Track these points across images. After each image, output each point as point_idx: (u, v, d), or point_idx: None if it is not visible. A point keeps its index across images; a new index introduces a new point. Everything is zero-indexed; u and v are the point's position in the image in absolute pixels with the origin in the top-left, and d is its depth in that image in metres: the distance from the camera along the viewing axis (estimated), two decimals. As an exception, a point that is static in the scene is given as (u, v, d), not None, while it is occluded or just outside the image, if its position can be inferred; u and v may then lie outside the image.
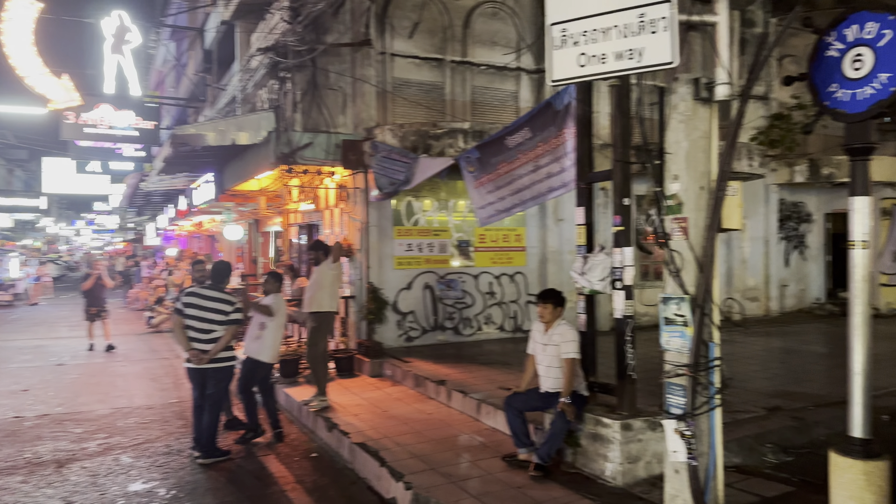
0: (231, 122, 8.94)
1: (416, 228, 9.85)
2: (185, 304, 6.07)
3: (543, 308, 5.32)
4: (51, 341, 13.86)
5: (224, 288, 6.26)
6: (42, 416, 7.75)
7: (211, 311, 6.01)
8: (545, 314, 5.31)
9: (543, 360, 5.30)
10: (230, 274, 6.60)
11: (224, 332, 6.01)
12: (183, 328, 6.04)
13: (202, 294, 6.09)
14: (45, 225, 59.80)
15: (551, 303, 5.30)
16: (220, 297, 6.07)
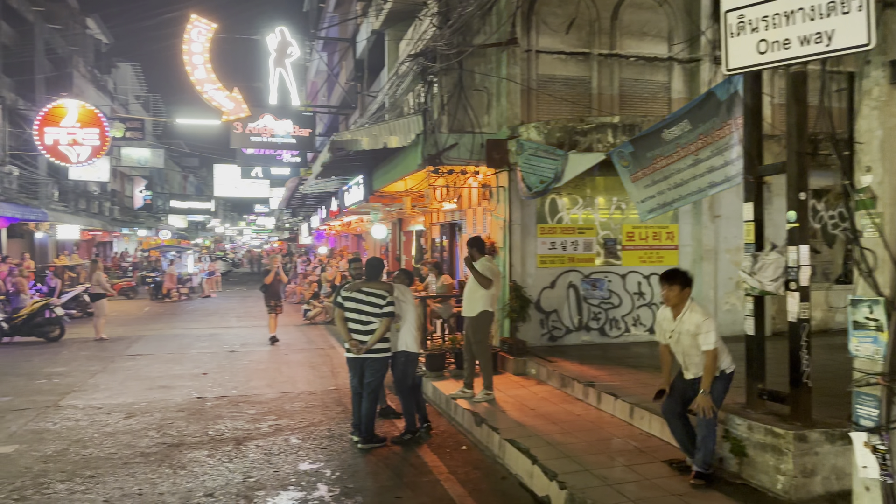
0: (383, 127, 9.37)
1: (560, 226, 9.75)
2: (344, 297, 6.47)
3: (669, 290, 4.84)
4: (222, 330, 15.32)
5: (378, 282, 6.57)
6: (220, 397, 8.58)
7: (367, 305, 6.34)
8: (671, 297, 4.84)
9: (678, 349, 4.90)
10: (383, 269, 6.92)
11: (379, 324, 6.32)
12: (344, 320, 6.44)
13: (359, 289, 6.45)
14: (214, 225, 66.10)
15: (678, 283, 4.81)
16: (374, 292, 6.39)
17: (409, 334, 6.67)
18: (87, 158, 17.34)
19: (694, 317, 4.75)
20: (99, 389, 9.05)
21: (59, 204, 24.91)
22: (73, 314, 17.89)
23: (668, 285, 4.85)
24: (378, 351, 6.39)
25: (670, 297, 4.84)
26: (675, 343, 4.88)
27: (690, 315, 4.77)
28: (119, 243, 39.09)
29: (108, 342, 13.59)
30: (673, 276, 4.87)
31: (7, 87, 21.16)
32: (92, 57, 31.04)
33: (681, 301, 4.82)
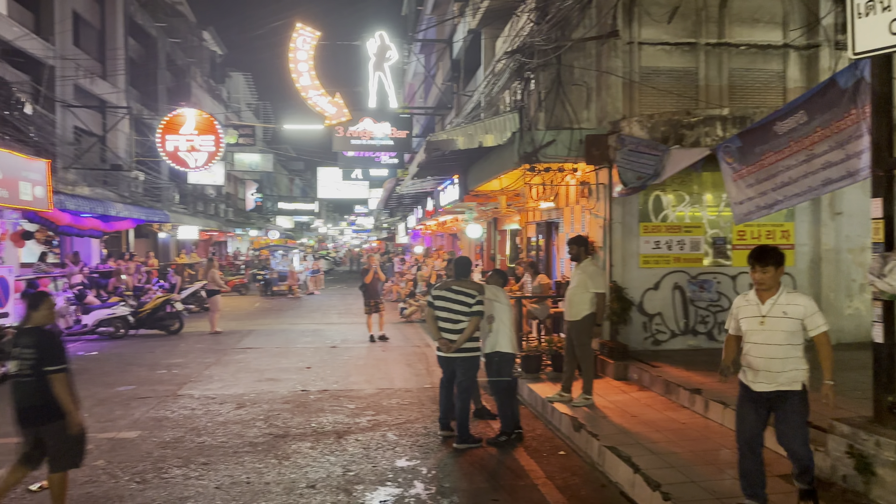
0: (478, 126, 9.35)
1: (665, 225, 9.33)
2: (435, 296, 6.51)
3: (763, 271, 4.13)
4: (325, 326, 15.89)
5: (467, 281, 6.55)
6: (322, 391, 8.88)
7: (456, 304, 6.35)
8: (766, 279, 4.13)
9: (764, 341, 4.13)
10: (471, 268, 6.86)
11: (468, 323, 6.30)
12: (434, 319, 6.48)
13: (449, 287, 6.47)
14: (318, 226, 68.87)
15: (772, 263, 4.14)
16: (463, 290, 6.38)
17: (503, 335, 6.61)
18: (203, 163, 18.55)
19: (796, 298, 4.18)
20: (213, 380, 9.61)
21: (179, 206, 26.79)
22: (192, 309, 19.16)
23: (761, 266, 4.15)
24: (467, 350, 6.39)
25: (765, 279, 4.14)
26: (757, 333, 4.18)
27: (789, 297, 4.17)
28: (233, 243, 41.54)
29: (221, 336, 14.44)
30: (766, 255, 4.17)
31: (134, 98, 22.99)
32: (208, 68, 33.14)
33: (775, 283, 4.17)
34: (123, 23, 21.98)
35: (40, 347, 4.43)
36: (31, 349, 4.42)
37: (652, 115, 8.54)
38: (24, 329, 4.58)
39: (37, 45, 16.01)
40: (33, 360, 4.40)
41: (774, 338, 4.14)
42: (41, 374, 4.39)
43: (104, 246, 20.70)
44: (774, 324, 4.15)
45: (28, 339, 4.47)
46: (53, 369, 4.39)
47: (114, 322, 14.41)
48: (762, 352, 4.18)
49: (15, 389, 4.48)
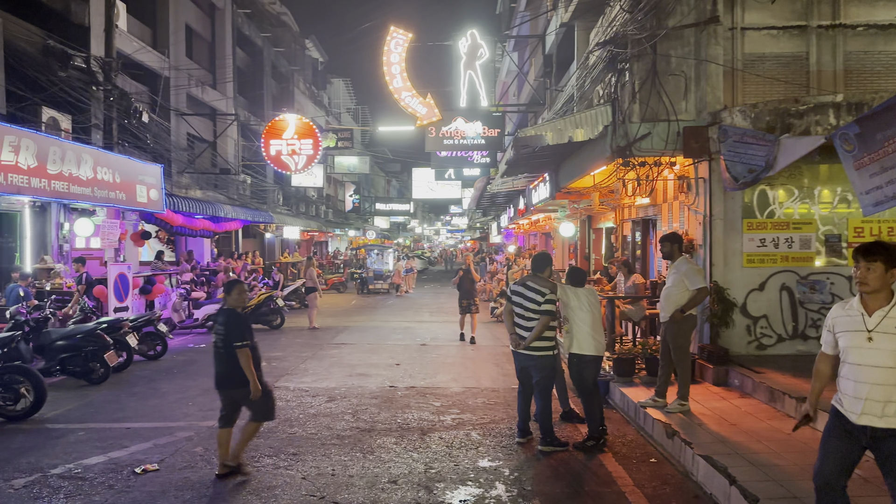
0: (568, 120, 9.12)
1: (771, 221, 8.70)
2: (512, 291, 6.39)
3: (867, 269, 3.35)
4: (416, 324, 16.09)
5: (541, 278, 6.34)
6: (410, 387, 8.96)
7: (529, 301, 6.19)
8: (871, 279, 3.34)
9: (872, 362, 3.34)
10: (549, 264, 6.59)
11: (538, 321, 6.11)
12: (511, 314, 6.36)
13: (524, 282, 6.33)
14: (413, 226, 70.09)
15: (880, 260, 3.33)
16: (535, 287, 6.21)
17: (582, 336, 6.37)
18: (303, 166, 19.33)
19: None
20: (307, 374, 9.95)
21: (282, 208, 28.07)
22: (293, 305, 20.02)
23: (866, 260, 3.35)
24: (540, 349, 6.19)
25: (870, 278, 3.34)
26: (862, 352, 3.39)
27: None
28: (332, 242, 43.08)
29: (318, 331, 14.95)
30: (875, 251, 3.35)
31: (241, 105, 24.32)
32: (310, 74, 34.51)
33: (884, 287, 3.35)
34: (232, 34, 23.31)
35: (228, 325, 5.34)
36: (223, 326, 5.36)
37: (755, 104, 7.98)
38: (220, 309, 5.53)
39: (153, 58, 17.27)
40: (223, 336, 5.33)
41: (885, 359, 3.33)
42: (229, 347, 5.30)
43: (215, 245, 22.03)
44: (886, 341, 3.32)
45: (221, 318, 5.42)
46: (238, 344, 5.30)
47: (221, 317, 15.27)
48: (868, 376, 3.36)
49: (214, 358, 5.48)
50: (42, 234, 13.01)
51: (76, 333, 9.26)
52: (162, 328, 11.64)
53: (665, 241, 7.16)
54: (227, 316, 5.42)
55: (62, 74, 11.62)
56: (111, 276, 12.19)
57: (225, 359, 5.36)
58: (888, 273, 3.32)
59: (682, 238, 7.29)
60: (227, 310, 5.48)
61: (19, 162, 9.11)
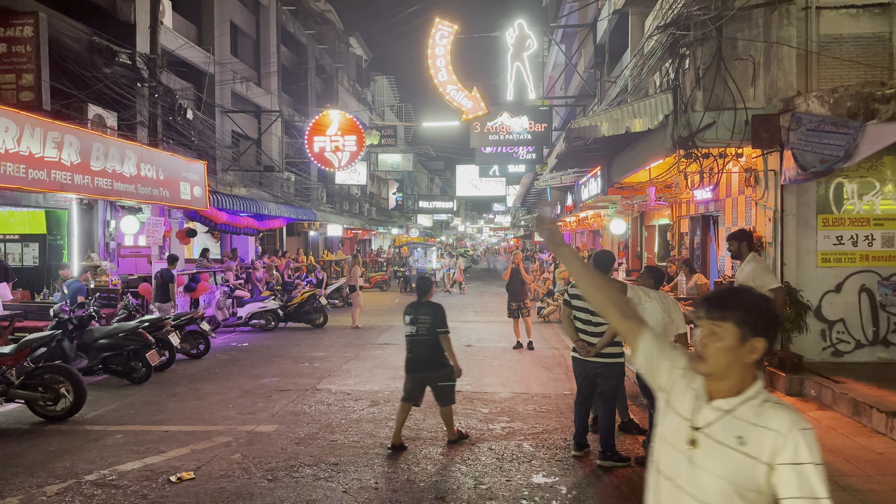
0: (625, 110, 8.55)
1: (849, 217, 7.98)
2: (572, 294, 5.90)
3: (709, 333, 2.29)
4: (461, 324, 15.67)
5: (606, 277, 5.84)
6: (456, 392, 8.53)
7: None
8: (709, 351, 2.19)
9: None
10: (613, 263, 6.10)
11: (608, 326, 5.64)
12: (571, 319, 5.88)
13: None
14: (456, 224, 69.77)
15: (732, 320, 2.51)
16: None
17: None
18: (346, 163, 19.12)
19: None
20: (350, 375, 9.64)
21: (326, 206, 28.04)
22: (336, 304, 19.87)
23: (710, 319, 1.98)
24: (609, 356, 5.71)
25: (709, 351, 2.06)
26: None
27: None
28: (376, 241, 43.06)
29: (361, 331, 14.69)
30: (722, 304, 2.08)
31: (285, 103, 24.32)
32: (354, 72, 34.47)
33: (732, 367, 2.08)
34: (276, 31, 23.31)
35: (435, 315, 6.18)
36: (429, 316, 6.15)
37: (835, 89, 7.28)
38: (423, 302, 6.33)
39: (198, 55, 17.30)
40: (429, 324, 6.12)
41: None
42: (434, 334, 6.12)
43: (259, 243, 22.06)
44: None
45: (426, 309, 6.22)
46: (442, 330, 6.16)
47: (265, 315, 15.17)
48: None
49: (412, 346, 6.23)
50: (89, 232, 13.08)
51: (118, 332, 9.16)
52: (205, 326, 11.52)
53: (732, 239, 6.56)
54: (433, 307, 6.27)
55: (107, 71, 11.60)
56: (155, 273, 12.15)
57: (427, 344, 6.16)
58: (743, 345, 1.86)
59: (751, 235, 6.67)
60: (429, 302, 6.35)
61: (62, 158, 9.06)
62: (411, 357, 6.27)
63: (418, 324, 6.18)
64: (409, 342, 6.28)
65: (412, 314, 6.27)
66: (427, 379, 6.23)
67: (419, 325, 6.17)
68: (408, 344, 6.30)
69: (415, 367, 6.24)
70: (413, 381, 6.26)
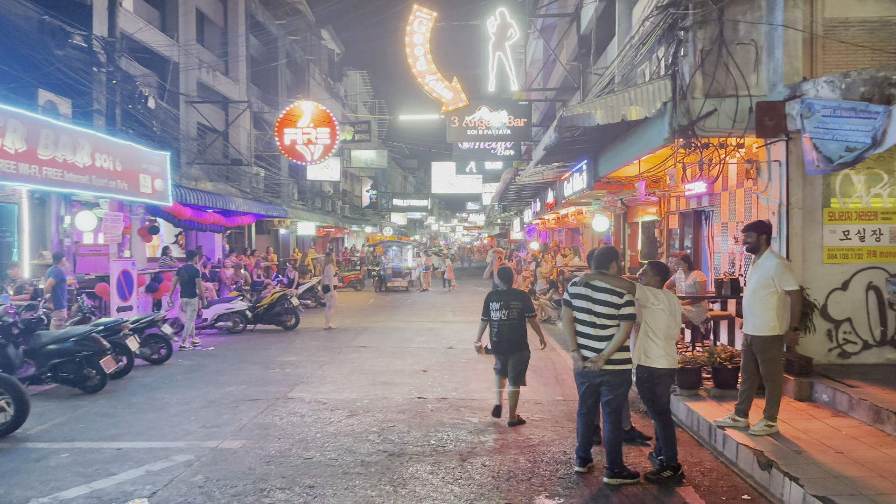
0: (621, 97, 8.01)
1: (856, 210, 7.56)
2: (572, 294, 5.32)
3: None
4: (440, 325, 15.06)
5: (613, 276, 5.27)
6: (441, 399, 7.92)
7: (601, 304, 5.13)
8: None
9: None
10: (616, 259, 5.50)
11: (618, 330, 5.08)
12: (573, 322, 5.31)
13: (588, 282, 5.25)
14: (430, 223, 69.14)
15: None
16: (608, 287, 5.15)
17: (654, 345, 5.28)
18: (319, 156, 18.33)
19: None
20: (325, 382, 8.96)
21: (298, 203, 27.16)
22: (309, 304, 19.09)
23: None
24: (617, 362, 5.14)
25: None
26: None
27: None
28: (349, 239, 42.18)
29: (336, 332, 13.97)
30: None
31: (255, 94, 23.40)
32: (326, 66, 33.60)
33: None
34: (245, 20, 22.38)
35: (524, 301, 6.96)
36: (520, 302, 6.90)
37: (847, 73, 6.82)
38: (511, 290, 7.08)
39: (160, 41, 16.37)
40: (520, 309, 6.87)
41: None
42: (522, 318, 6.89)
43: (226, 241, 21.14)
44: None
45: (518, 295, 7.02)
46: (531, 315, 7.02)
47: (232, 317, 14.35)
48: None
49: (501, 330, 6.88)
50: (41, 229, 12.15)
51: (69, 337, 8.34)
52: (166, 330, 10.72)
53: (751, 231, 6.05)
54: (521, 294, 7.15)
55: (59, 53, 10.69)
56: (114, 273, 11.29)
57: (517, 326, 6.89)
58: None
59: (770, 227, 6.17)
60: (518, 290, 7.32)
61: (5, 145, 8.19)
62: (502, 339, 6.93)
63: (511, 308, 6.88)
64: (501, 326, 6.91)
65: (500, 301, 6.93)
66: (514, 358, 6.92)
67: (511, 309, 6.88)
68: (497, 327, 6.93)
69: (504, 349, 6.95)
70: (502, 360, 7.06)
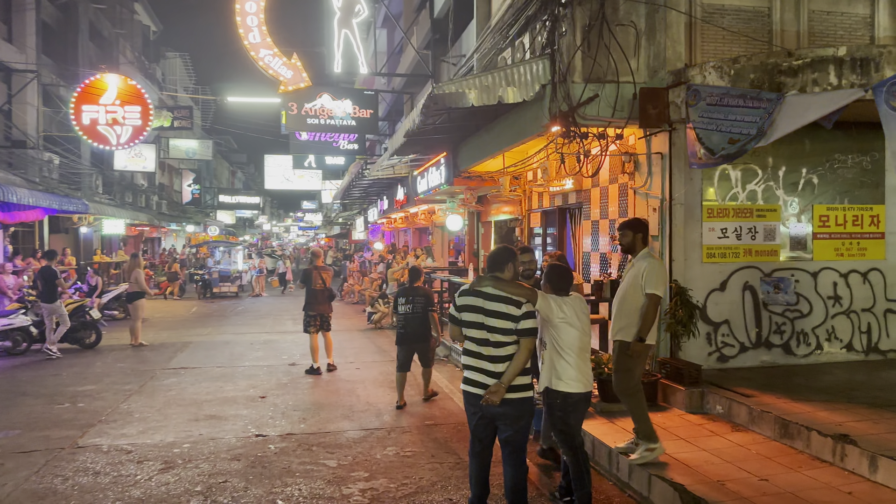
0: (497, 76, 7.03)
1: (733, 206, 7.25)
2: (460, 306, 4.18)
3: None
4: (278, 336, 13.28)
5: (510, 282, 4.19)
6: (286, 435, 6.39)
7: (496, 316, 4.03)
8: None
9: None
10: (513, 259, 4.38)
11: (518, 348, 4.03)
12: (462, 338, 4.20)
13: (480, 291, 4.12)
14: (262, 222, 65.19)
15: None
16: (504, 295, 4.07)
17: (568, 366, 4.29)
18: (127, 140, 15.48)
19: None
20: (131, 420, 7.00)
21: (103, 196, 23.44)
22: (116, 315, 16.20)
23: None
24: (517, 389, 4.06)
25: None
26: None
27: None
28: (168, 239, 37.91)
29: (148, 350, 11.65)
30: None
31: (48, 67, 19.65)
32: (139, 43, 29.69)
33: None
34: (33, -22, 18.68)
35: (427, 297, 7.73)
36: (423, 298, 7.66)
37: (736, 59, 6.42)
38: (413, 287, 7.75)
39: None
40: (423, 304, 7.62)
41: None
42: (426, 312, 7.63)
43: (9, 241, 17.38)
44: None
45: (420, 292, 7.70)
46: (433, 309, 7.72)
47: (12, 334, 11.45)
48: None
49: (408, 322, 7.60)
50: None
51: None
52: None
53: (626, 230, 5.28)
54: (424, 291, 7.80)
55: None
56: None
57: (420, 321, 7.57)
58: None
59: (646, 225, 5.44)
60: (421, 287, 7.82)
61: None
62: (407, 332, 7.61)
63: (415, 304, 7.57)
64: (407, 320, 7.59)
65: (408, 296, 7.64)
66: (418, 348, 7.68)
67: (416, 304, 7.57)
68: (404, 320, 7.61)
69: (407, 340, 7.62)
70: (405, 352, 7.63)
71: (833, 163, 7.49)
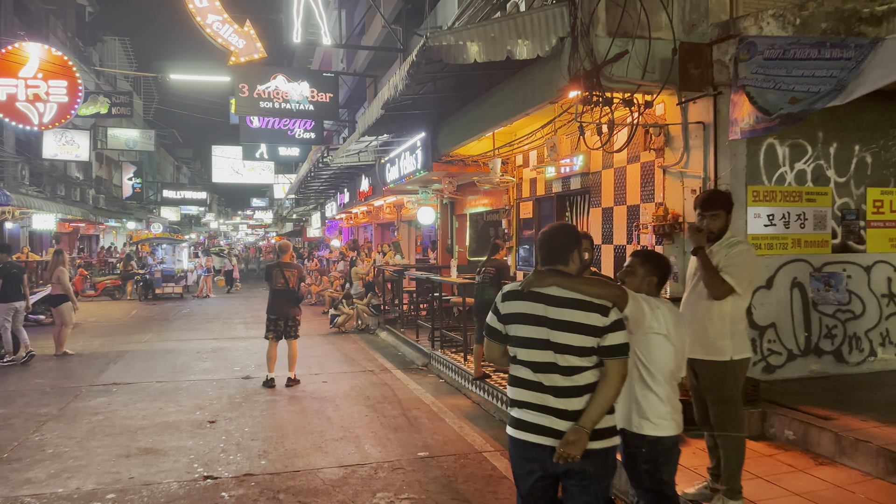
0: (506, 25, 5.74)
1: (781, 190, 6.14)
2: (504, 315, 2.82)
3: None
4: (229, 343, 11.67)
5: (582, 279, 2.87)
6: (244, 477, 4.94)
7: (562, 328, 2.69)
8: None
9: None
10: (578, 247, 3.05)
11: (606, 376, 2.70)
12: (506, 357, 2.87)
13: (535, 291, 2.78)
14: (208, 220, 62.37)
15: None
16: (576, 298, 2.72)
17: (655, 398, 3.03)
18: (52, 119, 13.51)
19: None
20: (42, 458, 5.42)
21: (31, 188, 21.14)
22: (42, 320, 14.25)
23: None
24: (602, 435, 2.73)
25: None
26: None
27: None
28: (106, 237, 35.29)
29: (74, 361, 9.92)
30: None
31: (-39, 42, 17.36)
32: (73, 23, 27.26)
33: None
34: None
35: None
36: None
37: (803, 5, 5.28)
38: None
39: None
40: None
41: None
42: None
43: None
44: None
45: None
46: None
47: None
48: None
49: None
50: None
51: None
52: None
53: (718, 209, 4.03)
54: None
55: None
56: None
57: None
58: None
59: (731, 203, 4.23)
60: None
61: None
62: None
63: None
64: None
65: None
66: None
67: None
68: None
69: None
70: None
71: (888, 139, 6.47)
